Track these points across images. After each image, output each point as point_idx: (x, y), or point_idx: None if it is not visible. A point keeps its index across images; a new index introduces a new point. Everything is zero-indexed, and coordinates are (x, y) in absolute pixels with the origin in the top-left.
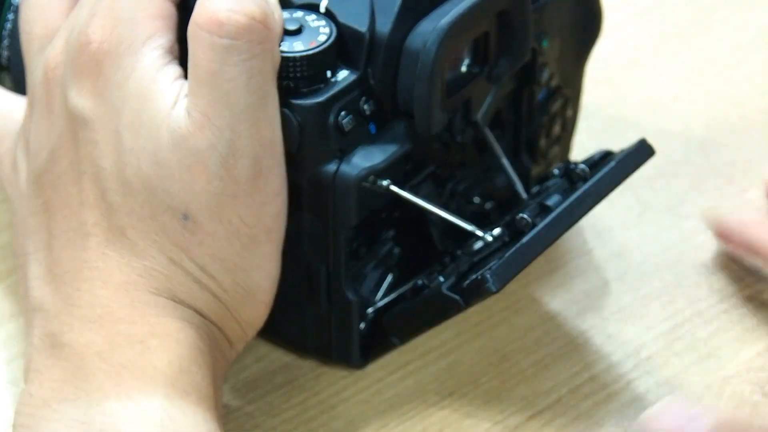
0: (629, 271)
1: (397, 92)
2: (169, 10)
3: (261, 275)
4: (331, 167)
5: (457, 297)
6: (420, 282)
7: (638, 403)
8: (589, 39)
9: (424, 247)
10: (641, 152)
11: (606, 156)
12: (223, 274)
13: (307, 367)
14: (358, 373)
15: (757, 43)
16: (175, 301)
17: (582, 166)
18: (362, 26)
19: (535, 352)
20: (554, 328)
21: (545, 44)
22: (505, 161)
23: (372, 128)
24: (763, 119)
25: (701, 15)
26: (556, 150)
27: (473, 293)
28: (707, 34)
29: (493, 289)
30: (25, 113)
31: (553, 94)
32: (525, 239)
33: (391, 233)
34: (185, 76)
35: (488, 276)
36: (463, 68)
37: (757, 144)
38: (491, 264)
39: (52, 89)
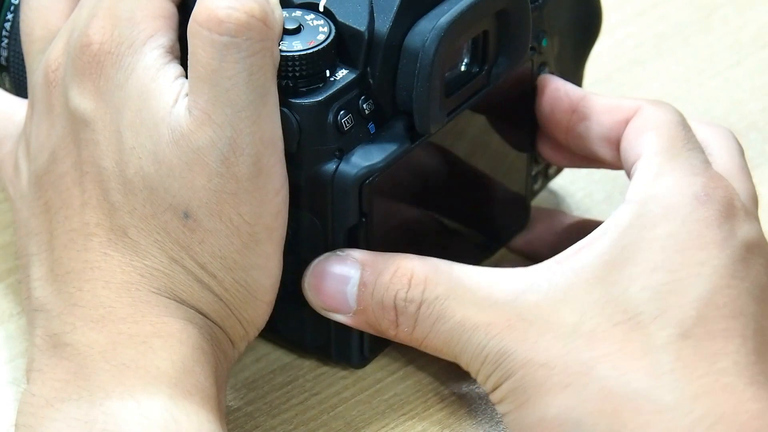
0: None
1: (396, 91)
2: (169, 10)
3: (262, 274)
4: (330, 166)
5: None
6: None
7: None
8: (588, 38)
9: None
10: None
11: None
12: (223, 272)
13: (307, 367)
14: (359, 373)
15: (756, 43)
16: (176, 300)
17: None
18: (361, 25)
19: None
20: None
21: (545, 43)
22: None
23: (371, 127)
24: (763, 119)
25: (701, 15)
26: None
27: None
28: (707, 34)
29: None
30: (26, 114)
31: None
32: None
33: None
34: (186, 76)
35: None
36: (462, 67)
37: (757, 144)
38: None
39: (53, 90)
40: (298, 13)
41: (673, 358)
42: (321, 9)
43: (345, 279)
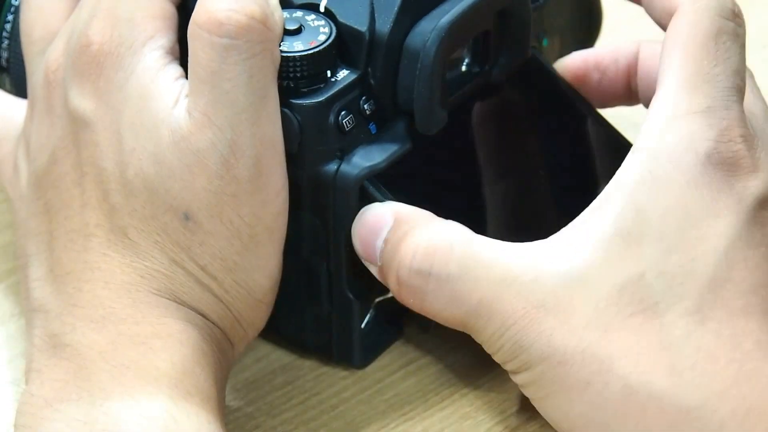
0: None
1: (397, 92)
2: (169, 11)
3: (262, 275)
4: (332, 167)
5: None
6: None
7: None
8: (589, 38)
9: None
10: None
11: None
12: (224, 274)
13: (307, 367)
14: (359, 373)
15: (757, 43)
16: (176, 301)
17: None
18: (362, 26)
19: None
20: None
21: (545, 43)
22: None
23: (372, 128)
24: None
25: None
26: None
27: None
28: None
29: None
30: (26, 115)
31: None
32: None
33: None
34: (186, 77)
35: None
36: (463, 67)
37: None
38: None
39: (53, 91)
40: (299, 13)
41: (694, 349)
42: (322, 9)
43: (379, 231)
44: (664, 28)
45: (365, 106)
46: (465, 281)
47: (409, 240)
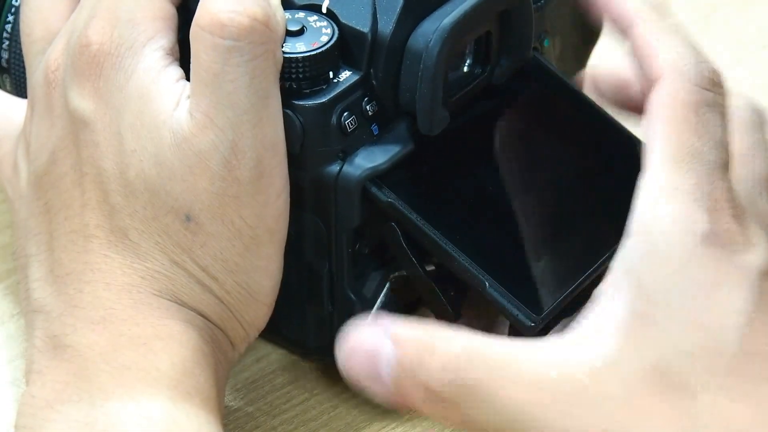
0: None
1: (399, 92)
2: (169, 11)
3: (263, 276)
4: (334, 168)
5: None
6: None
7: None
8: (590, 38)
9: None
10: None
11: None
12: (225, 275)
13: (307, 367)
14: None
15: (757, 43)
16: (177, 303)
17: None
18: (364, 27)
19: None
20: None
21: (546, 44)
22: None
23: (374, 129)
24: None
25: (701, 15)
26: None
27: None
28: (707, 34)
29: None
30: (26, 115)
31: None
32: None
33: None
34: (186, 78)
35: None
36: (465, 68)
37: None
38: None
39: (53, 91)
40: (301, 14)
41: (728, 425)
42: (324, 10)
43: (377, 356)
44: (643, 95)
45: (367, 107)
46: (491, 384)
47: (434, 356)
